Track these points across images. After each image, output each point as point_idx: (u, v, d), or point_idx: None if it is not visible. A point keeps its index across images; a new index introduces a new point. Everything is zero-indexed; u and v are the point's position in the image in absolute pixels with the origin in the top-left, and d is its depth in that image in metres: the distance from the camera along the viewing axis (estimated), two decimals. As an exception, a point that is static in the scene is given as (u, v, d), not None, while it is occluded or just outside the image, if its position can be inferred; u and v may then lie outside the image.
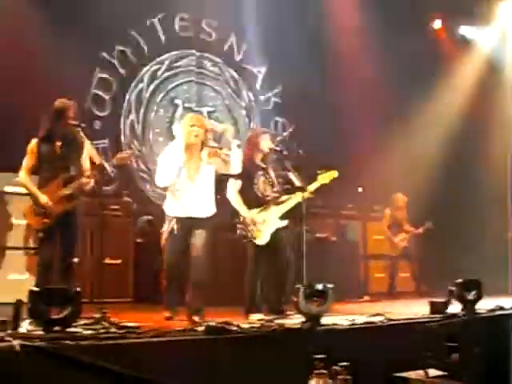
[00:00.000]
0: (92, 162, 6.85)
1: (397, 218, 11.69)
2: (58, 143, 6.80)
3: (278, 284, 7.50)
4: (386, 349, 5.95)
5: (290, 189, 7.65)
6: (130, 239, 10.16)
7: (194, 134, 6.87)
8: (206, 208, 6.95)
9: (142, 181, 11.64)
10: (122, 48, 11.58)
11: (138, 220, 10.66)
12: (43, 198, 6.74)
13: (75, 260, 6.96)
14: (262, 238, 7.38)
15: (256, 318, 6.87)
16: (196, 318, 6.53)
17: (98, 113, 11.26)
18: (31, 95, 9.52)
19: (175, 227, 6.85)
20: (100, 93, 11.37)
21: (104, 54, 11.36)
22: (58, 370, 4.44)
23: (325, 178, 7.67)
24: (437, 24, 13.90)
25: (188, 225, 6.86)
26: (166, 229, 7.00)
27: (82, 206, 7.16)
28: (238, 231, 7.43)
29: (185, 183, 6.88)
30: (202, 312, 6.70)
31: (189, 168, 6.88)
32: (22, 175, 6.95)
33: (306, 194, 7.47)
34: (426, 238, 11.94)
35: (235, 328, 5.48)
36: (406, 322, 6.55)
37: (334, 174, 7.70)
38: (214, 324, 5.43)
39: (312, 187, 7.57)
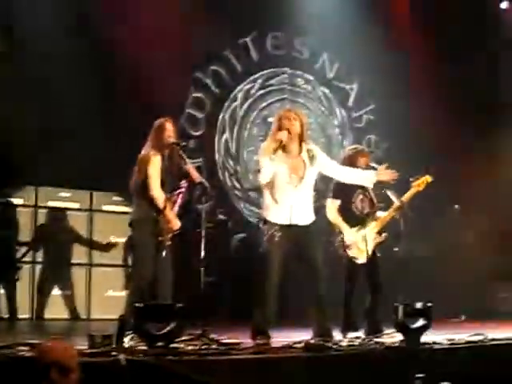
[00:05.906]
0: (191, 180, 6.73)
1: None
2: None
3: (373, 303, 7.43)
4: (488, 368, 5.83)
5: (387, 205, 7.56)
6: (225, 256, 10.28)
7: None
8: (310, 214, 6.51)
9: (236, 199, 11.72)
10: (215, 67, 11.72)
11: (232, 238, 10.77)
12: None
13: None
14: (363, 257, 7.31)
15: (353, 337, 6.82)
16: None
17: (192, 132, 11.40)
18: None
19: (276, 235, 6.29)
20: (194, 112, 11.51)
21: (198, 74, 11.52)
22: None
23: (419, 184, 7.55)
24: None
25: (292, 233, 6.36)
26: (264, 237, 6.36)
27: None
28: (339, 250, 7.35)
29: (287, 187, 6.39)
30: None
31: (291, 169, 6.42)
32: (161, 194, 6.52)
33: (404, 209, 7.38)
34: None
35: (335, 346, 5.48)
36: (508, 341, 6.40)
37: (428, 178, 7.56)
38: (313, 342, 5.43)
39: (407, 196, 7.47)
